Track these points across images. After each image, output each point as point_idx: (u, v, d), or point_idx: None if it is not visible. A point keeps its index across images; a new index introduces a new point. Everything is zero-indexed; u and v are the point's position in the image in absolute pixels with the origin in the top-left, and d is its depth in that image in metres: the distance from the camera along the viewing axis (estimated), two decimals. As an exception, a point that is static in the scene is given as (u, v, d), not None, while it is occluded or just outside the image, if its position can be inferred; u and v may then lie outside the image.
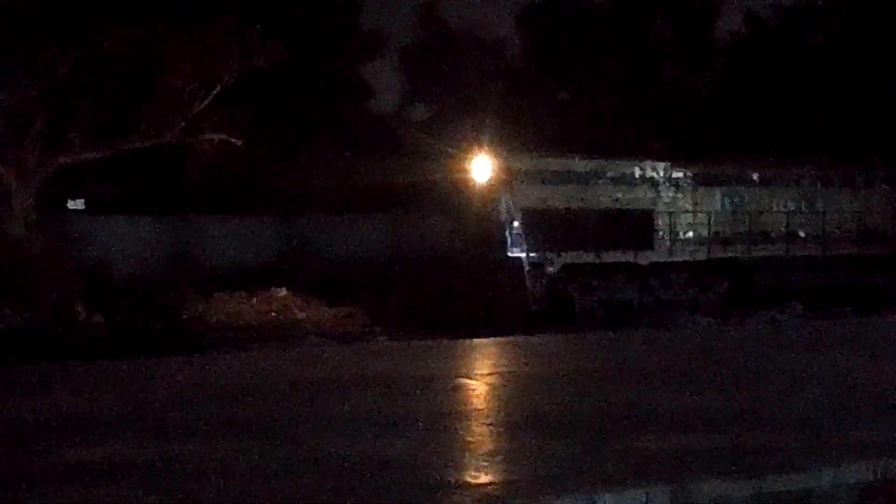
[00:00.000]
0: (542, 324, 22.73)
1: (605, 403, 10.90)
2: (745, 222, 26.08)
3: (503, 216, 23.91)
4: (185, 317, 23.04)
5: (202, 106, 23.89)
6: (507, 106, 34.49)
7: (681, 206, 25.45)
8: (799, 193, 27.19)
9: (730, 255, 25.91)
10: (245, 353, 18.02)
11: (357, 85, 35.21)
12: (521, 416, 10.31)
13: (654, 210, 25.20)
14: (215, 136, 24.31)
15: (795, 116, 36.07)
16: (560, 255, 23.94)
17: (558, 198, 24.25)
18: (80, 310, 22.16)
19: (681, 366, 14.12)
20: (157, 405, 10.76)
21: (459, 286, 23.62)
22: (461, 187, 24.35)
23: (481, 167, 24.19)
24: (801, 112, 36.19)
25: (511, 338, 19.81)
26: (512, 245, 23.83)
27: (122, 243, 26.32)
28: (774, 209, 26.68)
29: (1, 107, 22.96)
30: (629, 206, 24.95)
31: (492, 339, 19.42)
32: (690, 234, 25.57)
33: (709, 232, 25.55)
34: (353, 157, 26.31)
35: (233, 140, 24.41)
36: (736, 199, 26.30)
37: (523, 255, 23.67)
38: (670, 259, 25.21)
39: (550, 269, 23.81)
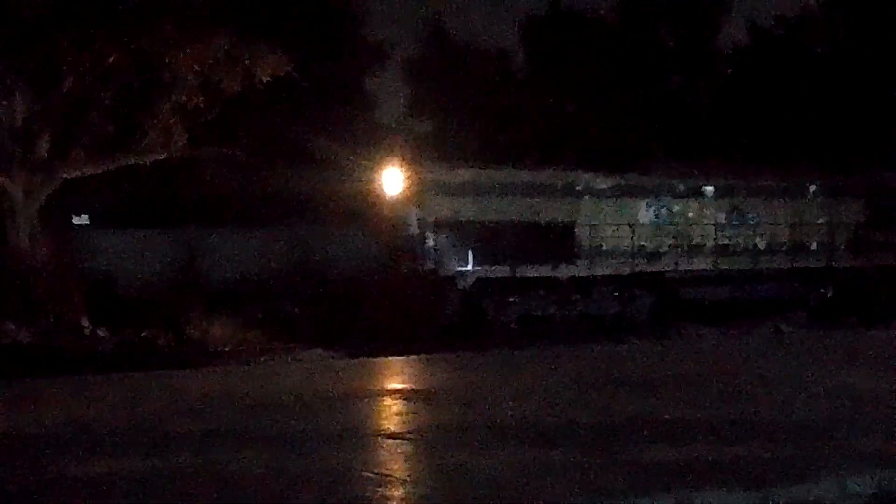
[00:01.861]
0: (454, 340, 21.78)
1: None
2: (672, 235, 25.16)
3: (414, 229, 22.99)
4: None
5: (207, 119, 23.70)
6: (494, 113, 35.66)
7: (603, 218, 24.51)
8: (730, 204, 26.29)
9: (656, 268, 24.97)
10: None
11: (361, 96, 35.22)
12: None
13: (575, 222, 24.27)
14: (220, 150, 24.07)
15: (798, 125, 35.93)
16: (474, 269, 22.99)
17: (473, 210, 23.35)
18: (85, 323, 22.09)
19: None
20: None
21: (370, 301, 22.63)
22: (373, 199, 23.43)
23: (392, 179, 23.28)
24: (804, 121, 36.01)
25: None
26: (424, 259, 22.90)
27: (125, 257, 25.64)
28: (704, 221, 25.76)
29: (6, 121, 22.82)
30: (549, 219, 24.03)
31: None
32: (614, 247, 24.61)
33: (633, 245, 24.60)
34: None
35: (238, 153, 24.20)
36: (663, 211, 25.41)
37: (435, 269, 22.73)
38: (592, 273, 24.25)
39: (464, 284, 22.84)
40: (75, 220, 29.21)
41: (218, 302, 23.01)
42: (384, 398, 12.53)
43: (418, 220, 23.01)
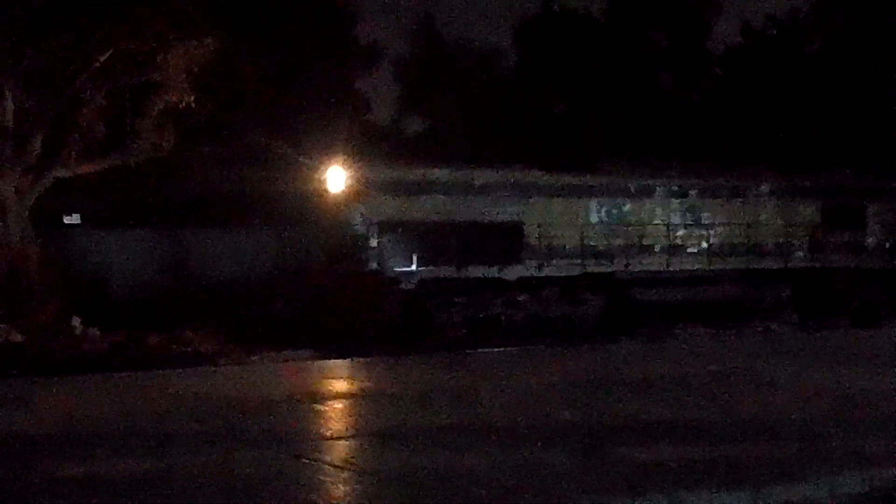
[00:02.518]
0: (397, 342, 21.32)
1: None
2: (622, 235, 24.74)
3: (358, 229, 22.52)
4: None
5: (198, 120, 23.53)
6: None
7: (553, 218, 24.08)
8: (683, 205, 25.90)
9: (606, 269, 24.54)
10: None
11: (354, 97, 35.09)
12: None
13: (523, 222, 23.84)
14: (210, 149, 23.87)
15: (791, 126, 35.83)
16: (419, 270, 22.54)
17: (418, 209, 22.90)
18: (76, 324, 21.75)
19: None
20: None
21: (313, 303, 22.13)
22: (317, 199, 22.93)
23: (336, 178, 22.79)
24: (797, 121, 35.96)
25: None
26: (367, 259, 22.43)
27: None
28: (656, 221, 25.36)
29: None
30: (496, 218, 23.59)
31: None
32: (563, 247, 24.18)
33: (582, 244, 24.18)
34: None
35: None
36: (614, 211, 24.99)
37: (379, 269, 22.27)
38: (541, 274, 23.81)
39: (408, 285, 22.37)
40: (67, 220, 28.86)
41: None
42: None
43: (363, 219, 22.53)
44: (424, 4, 41.72)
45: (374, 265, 22.34)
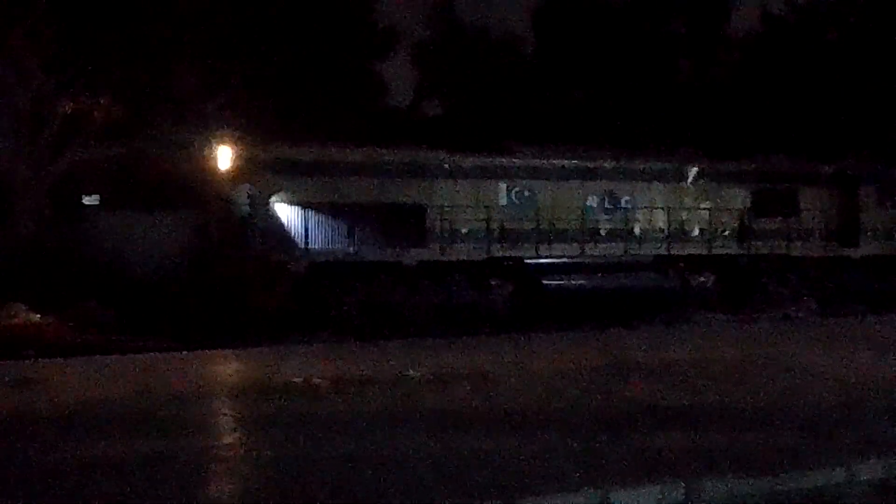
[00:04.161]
0: (286, 332, 20.21)
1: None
2: (534, 219, 23.54)
3: (245, 210, 21.35)
4: None
5: (216, 103, 23.98)
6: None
7: (458, 201, 22.92)
8: (601, 188, 24.73)
9: (515, 254, 23.38)
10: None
11: (371, 81, 35.32)
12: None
13: (426, 204, 22.68)
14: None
15: (811, 112, 35.04)
16: (311, 253, 21.38)
17: (314, 189, 21.76)
18: (94, 306, 21.57)
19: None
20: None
21: (201, 290, 21.01)
22: (203, 180, 21.76)
23: (224, 157, 21.62)
24: (817, 108, 35.14)
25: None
26: (256, 243, 21.27)
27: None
28: (572, 205, 24.17)
29: (17, 102, 22.81)
30: (397, 200, 22.43)
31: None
32: (470, 230, 23.02)
33: (489, 228, 23.02)
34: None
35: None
36: (525, 193, 23.82)
37: (266, 252, 21.10)
38: (445, 258, 22.65)
39: (299, 269, 21.19)
40: (86, 202, 28.20)
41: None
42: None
43: (251, 200, 21.36)
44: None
45: (261, 248, 21.16)
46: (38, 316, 21.57)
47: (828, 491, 7.77)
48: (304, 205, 21.62)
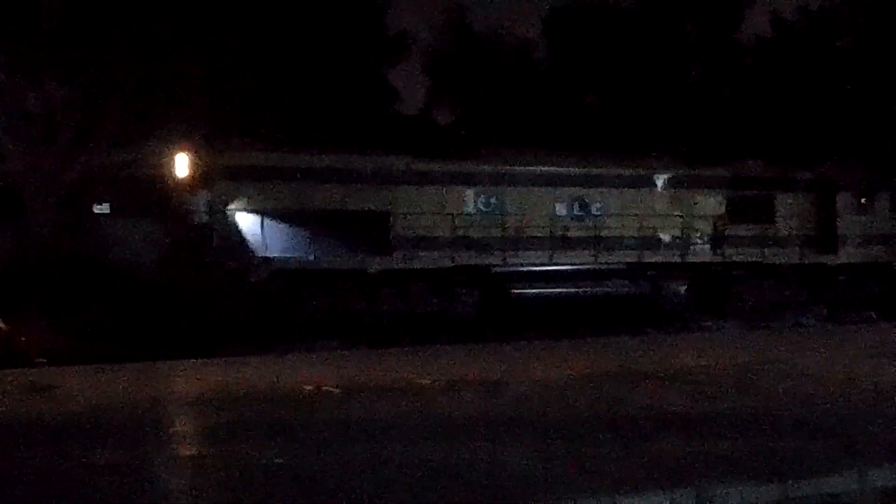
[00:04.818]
0: (244, 341, 19.82)
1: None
2: (501, 226, 23.17)
3: (204, 217, 20.99)
4: None
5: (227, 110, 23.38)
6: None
7: (423, 207, 22.55)
8: (571, 194, 24.34)
9: (482, 262, 23.00)
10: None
11: (382, 88, 35.21)
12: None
13: (389, 211, 22.31)
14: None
15: (820, 119, 34.78)
16: (271, 260, 21.01)
17: (276, 196, 21.41)
18: (105, 313, 20.74)
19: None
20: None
21: (147, 299, 20.63)
22: (160, 188, 21.41)
23: (182, 163, 21.27)
24: (825, 115, 34.83)
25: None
26: (214, 250, 20.91)
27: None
28: (540, 212, 23.77)
29: (28, 109, 22.57)
30: (360, 207, 22.07)
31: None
32: (435, 237, 22.63)
33: (454, 235, 22.64)
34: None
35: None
36: (493, 200, 23.45)
37: (225, 260, 20.73)
38: (409, 266, 22.28)
39: (258, 277, 20.82)
40: (97, 210, 28.01)
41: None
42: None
43: (210, 207, 21.00)
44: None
45: (219, 256, 20.79)
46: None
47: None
48: (265, 212, 21.26)
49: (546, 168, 24.16)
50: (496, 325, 22.59)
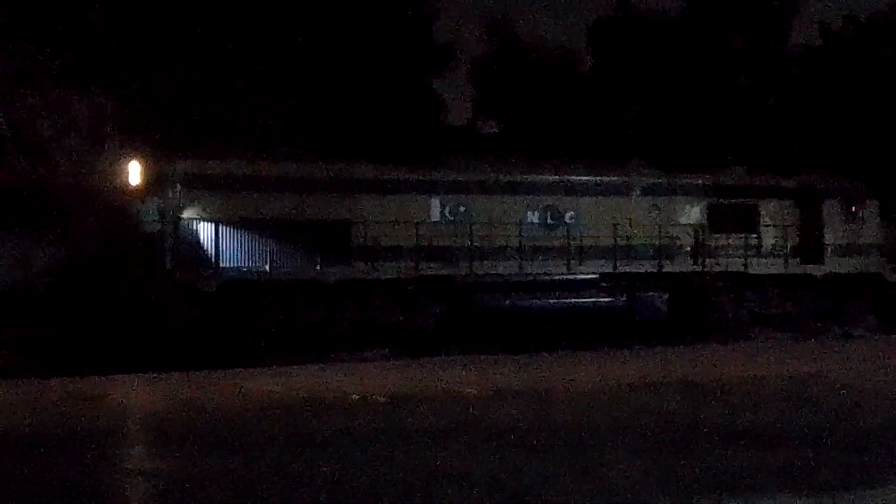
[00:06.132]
0: (197, 354, 19.04)
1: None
2: (468, 235, 22.31)
3: (152, 227, 20.25)
4: None
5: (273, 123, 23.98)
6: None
7: (386, 216, 21.74)
8: (542, 202, 23.49)
9: (447, 272, 22.15)
10: None
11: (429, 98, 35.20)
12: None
13: (350, 220, 21.51)
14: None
15: (867, 128, 34.32)
16: (223, 271, 20.23)
17: (228, 205, 20.64)
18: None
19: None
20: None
21: (102, 311, 19.93)
22: (111, 196, 20.74)
23: (133, 172, 20.57)
24: (873, 125, 34.41)
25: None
26: (164, 261, 20.14)
27: None
28: (510, 220, 22.92)
29: (78, 120, 23.09)
30: (318, 216, 21.28)
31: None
32: (398, 247, 21.79)
33: (419, 245, 21.80)
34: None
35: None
36: (460, 209, 22.62)
37: (174, 271, 19.97)
38: (370, 276, 21.45)
39: (209, 288, 20.02)
40: None
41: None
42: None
43: (159, 216, 20.25)
44: (500, 4, 40.97)
45: (169, 266, 20.03)
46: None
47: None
48: (219, 221, 20.50)
49: (513, 176, 23.35)
50: (461, 338, 21.75)
